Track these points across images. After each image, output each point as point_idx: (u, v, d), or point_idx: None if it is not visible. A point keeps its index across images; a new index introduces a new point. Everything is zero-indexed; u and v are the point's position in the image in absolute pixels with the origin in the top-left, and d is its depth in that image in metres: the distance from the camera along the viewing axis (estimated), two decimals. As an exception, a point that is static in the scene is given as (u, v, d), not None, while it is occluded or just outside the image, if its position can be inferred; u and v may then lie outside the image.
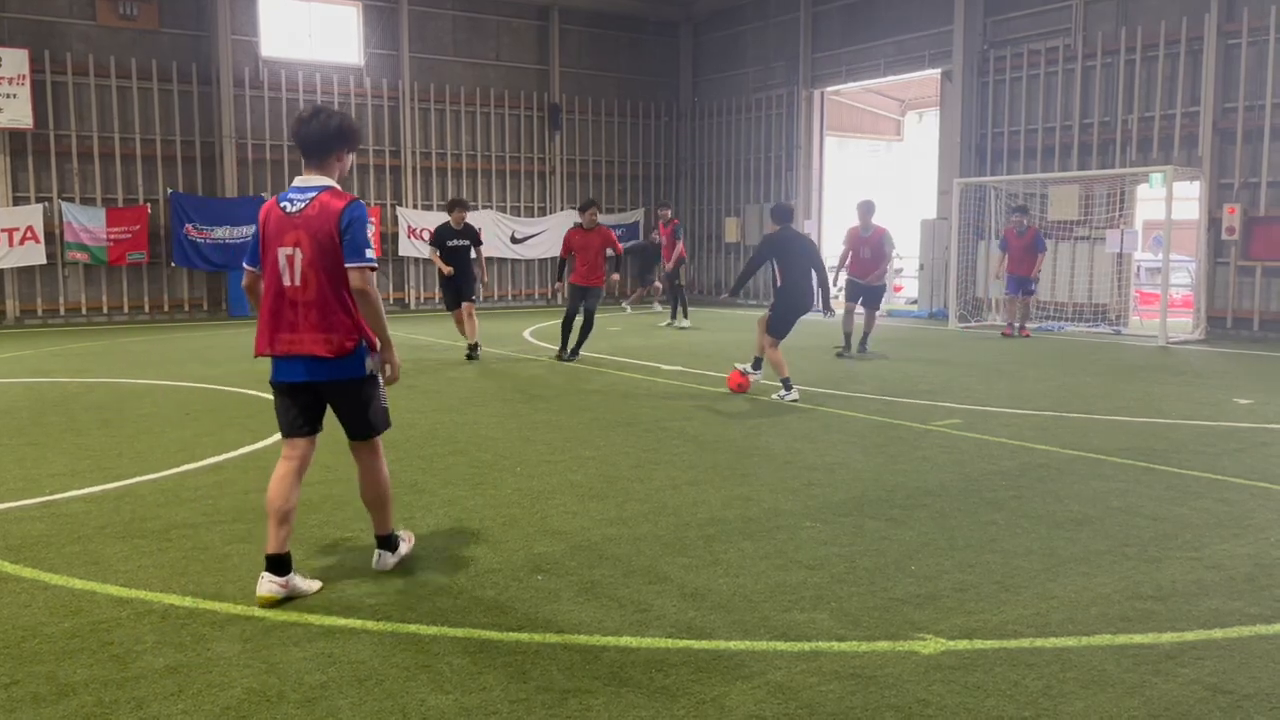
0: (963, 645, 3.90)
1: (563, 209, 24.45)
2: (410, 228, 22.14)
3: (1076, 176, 17.85)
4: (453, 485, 6.42)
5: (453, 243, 12.84)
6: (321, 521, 5.55)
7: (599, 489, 6.31)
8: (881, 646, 3.90)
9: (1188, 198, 17.77)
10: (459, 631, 4.04)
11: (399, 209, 22.26)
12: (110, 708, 3.41)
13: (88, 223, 19.24)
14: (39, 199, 19.06)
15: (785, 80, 23.60)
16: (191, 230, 20.01)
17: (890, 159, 30.67)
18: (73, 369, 12.27)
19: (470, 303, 12.95)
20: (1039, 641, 3.94)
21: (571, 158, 24.76)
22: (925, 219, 20.82)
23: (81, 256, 19.29)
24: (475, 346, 13.02)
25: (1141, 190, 18.52)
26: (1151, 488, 6.32)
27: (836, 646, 3.89)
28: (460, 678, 3.62)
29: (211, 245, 20.22)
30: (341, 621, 4.15)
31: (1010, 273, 16.34)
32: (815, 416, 8.90)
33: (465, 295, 12.90)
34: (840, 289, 14.22)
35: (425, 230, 20.35)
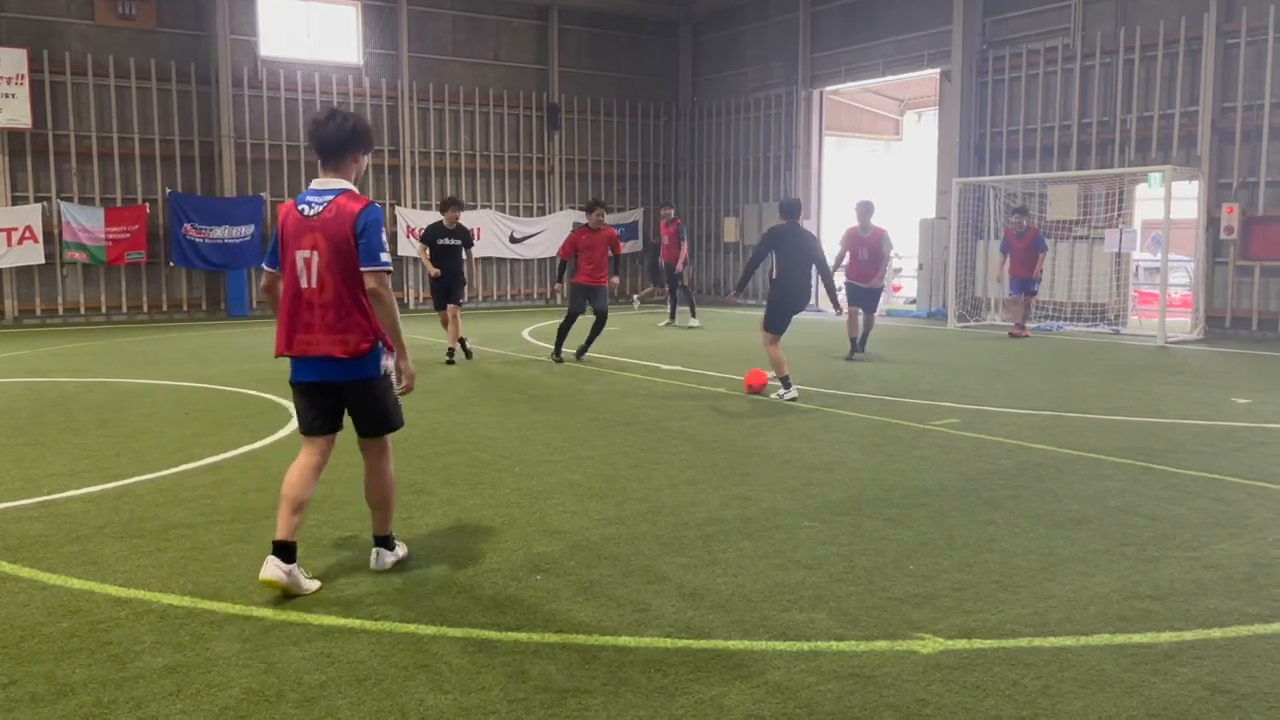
0: (961, 645, 3.90)
1: (561, 209, 24.47)
2: (409, 227, 22.12)
3: (1075, 176, 17.85)
4: (451, 485, 6.42)
5: (444, 241, 12.52)
6: (321, 521, 5.54)
7: (598, 489, 6.31)
8: (880, 646, 3.90)
9: (1186, 197, 17.77)
10: (458, 631, 4.04)
11: (398, 209, 22.26)
12: (109, 707, 3.40)
13: (86, 222, 19.23)
14: (38, 199, 19.05)
15: (784, 80, 23.60)
16: (190, 230, 20.00)
17: (889, 159, 30.68)
18: (71, 369, 12.26)
19: (457, 305, 12.65)
20: (1037, 641, 3.94)
21: (570, 157, 24.76)
22: (924, 219, 20.83)
23: (80, 256, 19.29)
24: (457, 348, 12.70)
25: (1140, 190, 18.54)
26: (1150, 487, 6.33)
27: (835, 646, 3.90)
28: (459, 677, 3.62)
29: (210, 245, 20.21)
30: (340, 621, 4.15)
31: (1013, 275, 16.33)
32: (813, 416, 8.90)
33: (453, 297, 12.62)
34: (839, 289, 14.16)
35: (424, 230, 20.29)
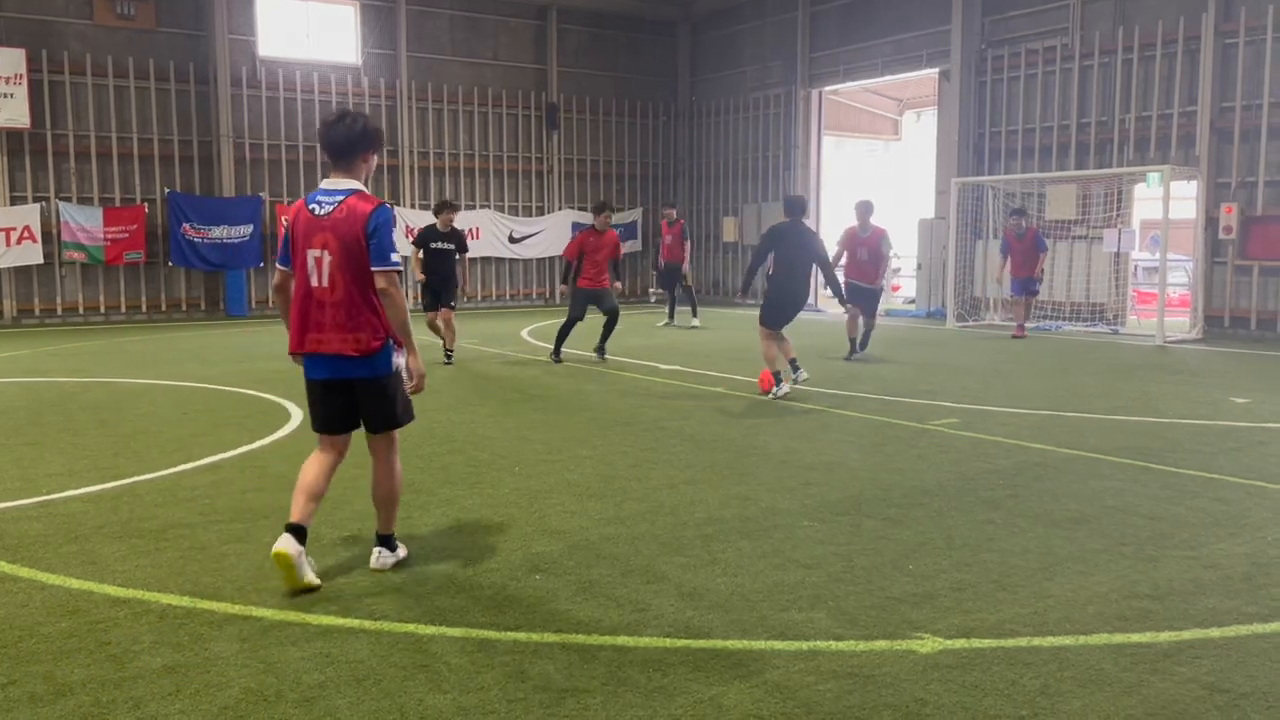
0: (960, 644, 3.90)
1: (560, 208, 24.48)
2: (408, 227, 22.00)
3: (1074, 176, 17.86)
4: (450, 485, 6.42)
5: (437, 245, 12.27)
6: (321, 521, 5.53)
7: (597, 488, 6.31)
8: (879, 645, 3.90)
9: (1185, 197, 17.78)
10: (457, 631, 4.04)
11: (396, 209, 22.23)
12: (107, 707, 3.40)
13: (85, 222, 19.22)
14: (36, 198, 19.04)
15: (783, 80, 23.60)
16: (189, 230, 20.00)
17: (888, 158, 30.70)
18: (70, 369, 12.25)
19: (450, 310, 12.41)
20: (1036, 640, 3.94)
21: (569, 157, 24.76)
22: (923, 218, 20.83)
23: (79, 256, 19.28)
24: (454, 350, 12.62)
25: (1139, 190, 18.54)
26: (1148, 487, 6.33)
27: (834, 646, 3.90)
28: (458, 677, 3.62)
29: (209, 245, 20.20)
30: (339, 621, 4.15)
31: (1014, 275, 16.30)
32: (812, 416, 8.90)
33: (445, 301, 12.34)
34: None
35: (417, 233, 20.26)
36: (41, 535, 5.34)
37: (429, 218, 17.91)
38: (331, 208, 4.53)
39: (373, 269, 4.50)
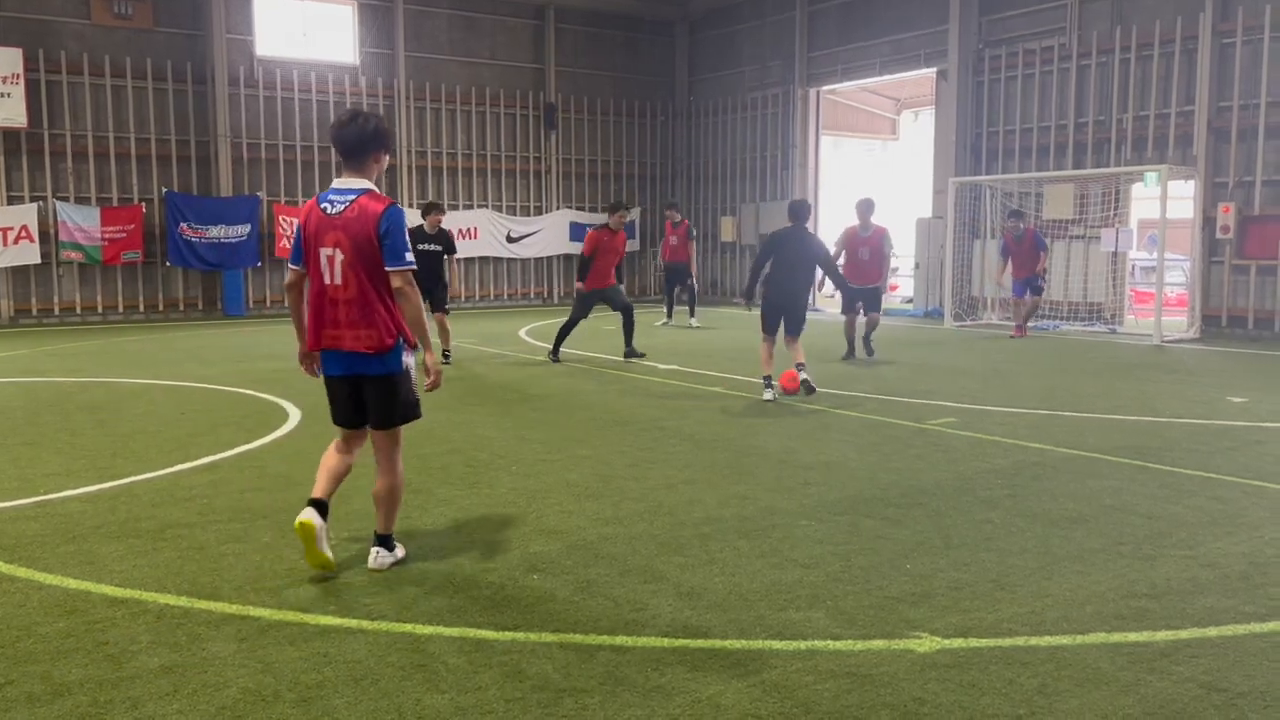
0: (958, 644, 3.91)
1: (558, 208, 24.48)
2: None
3: (1072, 175, 17.87)
4: (449, 485, 6.42)
5: (424, 247, 12.11)
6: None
7: (595, 488, 6.31)
8: (877, 645, 3.90)
9: (1182, 197, 17.79)
10: (454, 631, 4.04)
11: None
12: (105, 708, 3.40)
13: (82, 222, 19.20)
14: (33, 198, 19.02)
15: (781, 79, 23.60)
16: (186, 229, 19.97)
17: (886, 158, 30.72)
18: (67, 368, 12.24)
19: (444, 313, 12.38)
20: (1034, 640, 3.95)
21: (567, 157, 24.75)
22: (921, 218, 20.84)
23: (76, 256, 19.26)
24: (451, 351, 12.67)
25: (1136, 189, 18.55)
26: (1146, 486, 6.34)
27: (832, 645, 3.90)
28: (456, 677, 3.62)
29: (206, 244, 20.18)
30: (337, 621, 4.15)
31: (1015, 277, 16.28)
32: (811, 416, 8.90)
33: (437, 305, 12.24)
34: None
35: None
36: (39, 535, 5.34)
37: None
38: (343, 207, 4.61)
39: (388, 269, 4.59)
